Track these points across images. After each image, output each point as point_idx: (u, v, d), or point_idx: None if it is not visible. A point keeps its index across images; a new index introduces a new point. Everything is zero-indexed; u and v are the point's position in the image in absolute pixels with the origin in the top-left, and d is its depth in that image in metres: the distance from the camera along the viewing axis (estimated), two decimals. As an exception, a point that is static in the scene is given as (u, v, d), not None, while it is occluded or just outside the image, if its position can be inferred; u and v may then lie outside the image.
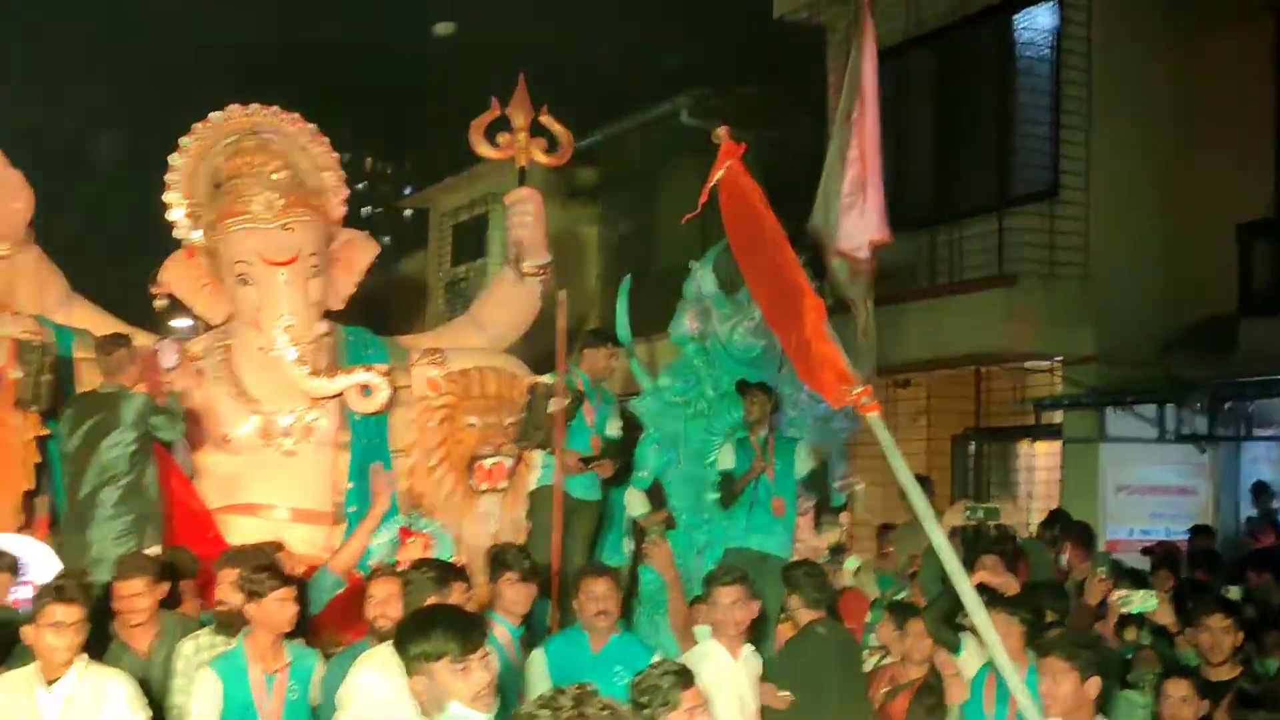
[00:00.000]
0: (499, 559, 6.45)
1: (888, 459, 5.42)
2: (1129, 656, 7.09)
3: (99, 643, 5.81)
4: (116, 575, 6.29)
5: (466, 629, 3.79)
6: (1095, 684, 5.12)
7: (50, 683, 5.27)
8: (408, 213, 28.82)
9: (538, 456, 9.00)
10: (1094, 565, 8.21)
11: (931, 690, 6.69)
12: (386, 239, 29.73)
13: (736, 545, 8.95)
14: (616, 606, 6.37)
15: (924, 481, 11.43)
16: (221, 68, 27.74)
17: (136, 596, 6.16)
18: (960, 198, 13.72)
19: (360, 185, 30.54)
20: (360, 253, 9.38)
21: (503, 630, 6.10)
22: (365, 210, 31.12)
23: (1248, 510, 11.99)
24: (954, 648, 6.57)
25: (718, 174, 6.09)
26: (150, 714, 5.52)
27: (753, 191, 5.99)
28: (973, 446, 14.58)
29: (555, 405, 8.62)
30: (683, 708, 4.35)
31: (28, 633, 5.34)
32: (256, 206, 8.69)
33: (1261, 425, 12.44)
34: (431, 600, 5.25)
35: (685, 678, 4.44)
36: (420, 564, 5.95)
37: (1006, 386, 14.22)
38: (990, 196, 13.30)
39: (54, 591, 5.34)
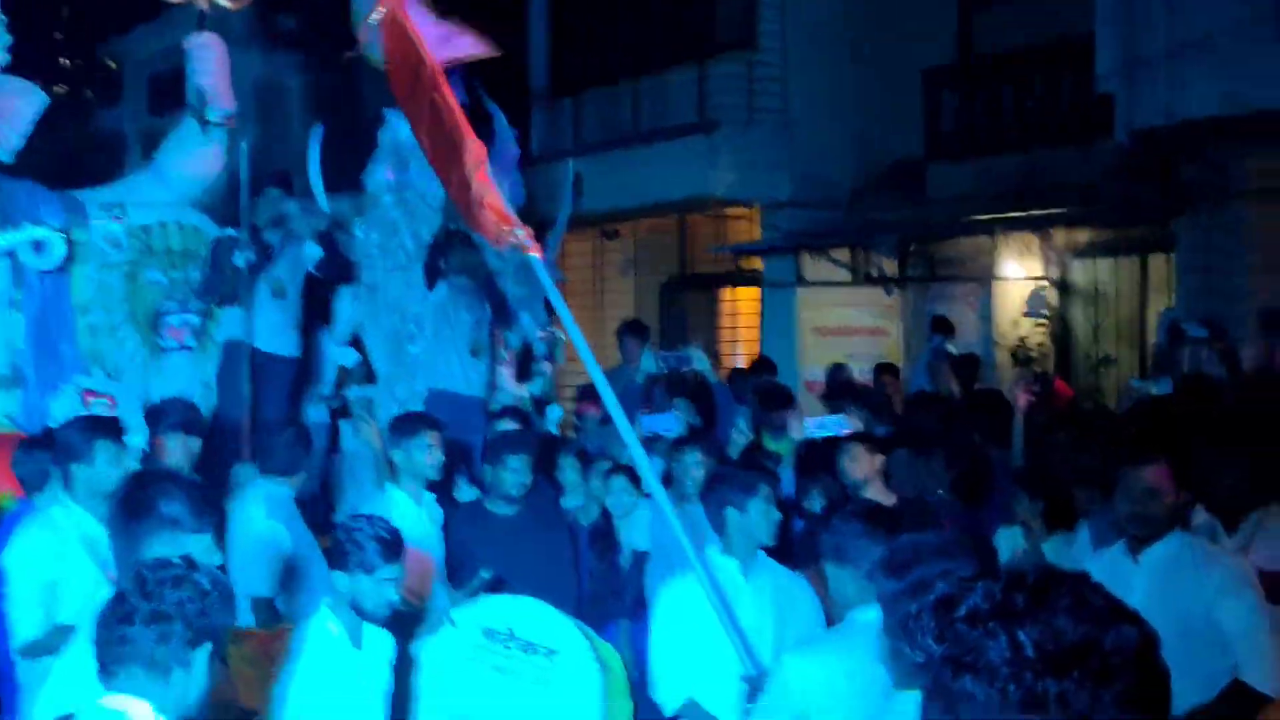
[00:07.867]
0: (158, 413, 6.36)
1: (553, 302, 5.53)
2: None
3: None
4: None
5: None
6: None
7: None
8: (112, 64, 27.22)
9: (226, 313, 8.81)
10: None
11: (602, 533, 6.92)
12: (89, 92, 28.06)
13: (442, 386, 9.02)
14: None
15: (637, 326, 11.69)
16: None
17: None
18: (662, 46, 13.81)
19: (57, 35, 28.54)
20: (21, 102, 8.81)
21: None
22: (64, 61, 29.09)
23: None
24: None
25: (374, 14, 5.98)
26: None
27: (412, 30, 5.87)
28: (678, 294, 14.93)
29: (243, 259, 8.41)
30: (378, 575, 4.28)
31: None
32: (-100, 53, 8.07)
33: (945, 266, 13.05)
34: None
35: (391, 549, 4.33)
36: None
37: (709, 234, 14.54)
38: (691, 45, 13.44)
39: None
